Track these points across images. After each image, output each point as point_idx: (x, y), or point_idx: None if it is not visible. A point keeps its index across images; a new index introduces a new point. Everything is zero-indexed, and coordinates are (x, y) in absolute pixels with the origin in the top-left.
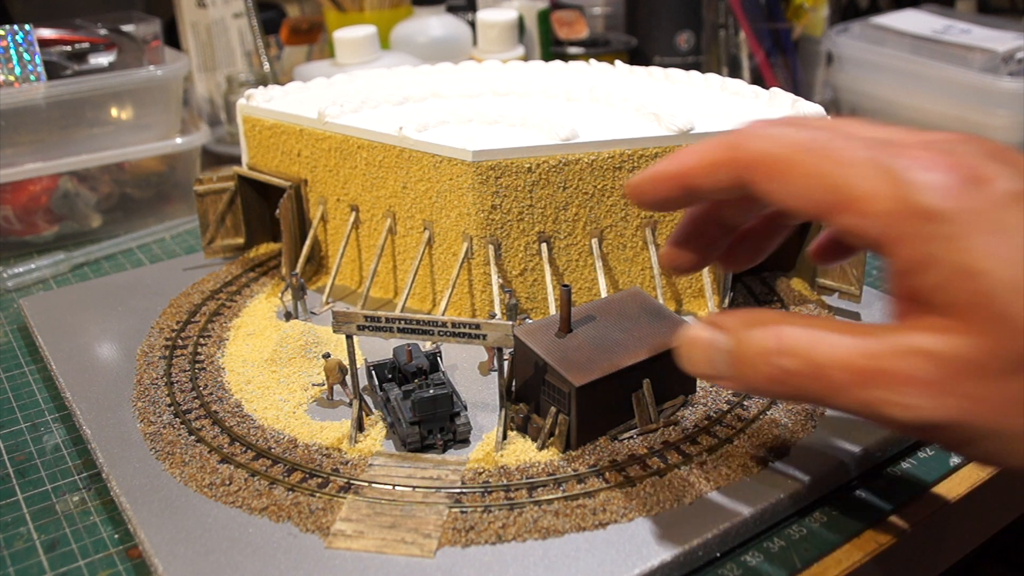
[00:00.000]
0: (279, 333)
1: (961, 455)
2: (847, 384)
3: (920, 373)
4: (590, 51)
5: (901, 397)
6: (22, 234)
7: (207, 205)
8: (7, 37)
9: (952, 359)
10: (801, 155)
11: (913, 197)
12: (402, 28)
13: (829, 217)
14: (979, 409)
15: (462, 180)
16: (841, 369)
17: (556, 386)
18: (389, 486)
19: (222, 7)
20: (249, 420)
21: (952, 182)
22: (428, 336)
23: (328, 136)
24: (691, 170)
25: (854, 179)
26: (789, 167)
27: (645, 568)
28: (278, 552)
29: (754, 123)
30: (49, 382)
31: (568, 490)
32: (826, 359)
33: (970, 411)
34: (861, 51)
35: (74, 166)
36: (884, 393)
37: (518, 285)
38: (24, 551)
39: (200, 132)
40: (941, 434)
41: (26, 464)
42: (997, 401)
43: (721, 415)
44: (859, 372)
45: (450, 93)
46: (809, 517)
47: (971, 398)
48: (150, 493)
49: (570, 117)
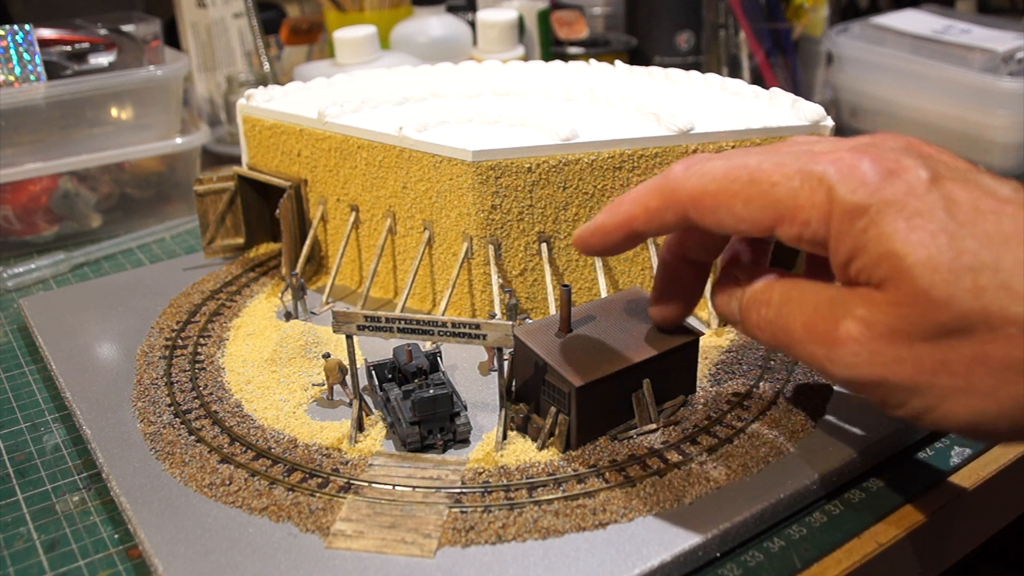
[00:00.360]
0: (279, 333)
1: (897, 415)
2: (802, 339)
3: (855, 336)
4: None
5: (839, 355)
6: (22, 234)
7: (207, 205)
8: (7, 37)
9: (879, 326)
10: (734, 184)
11: (840, 198)
12: (402, 28)
13: (772, 231)
14: (903, 370)
15: (462, 180)
16: (800, 324)
17: (556, 386)
18: (389, 486)
19: (222, 7)
20: (249, 420)
21: (872, 178)
22: (428, 336)
23: (328, 136)
24: (634, 219)
25: (787, 193)
26: (727, 197)
27: (645, 568)
28: (278, 552)
29: (683, 162)
30: (49, 382)
31: (568, 490)
32: (790, 314)
33: (895, 371)
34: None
35: (74, 166)
36: (826, 350)
37: (518, 285)
38: (24, 551)
39: (200, 132)
40: (873, 391)
41: (26, 464)
42: (917, 363)
43: (721, 415)
44: (811, 329)
45: (450, 93)
46: (809, 517)
47: (896, 360)
48: (150, 493)
49: (570, 117)
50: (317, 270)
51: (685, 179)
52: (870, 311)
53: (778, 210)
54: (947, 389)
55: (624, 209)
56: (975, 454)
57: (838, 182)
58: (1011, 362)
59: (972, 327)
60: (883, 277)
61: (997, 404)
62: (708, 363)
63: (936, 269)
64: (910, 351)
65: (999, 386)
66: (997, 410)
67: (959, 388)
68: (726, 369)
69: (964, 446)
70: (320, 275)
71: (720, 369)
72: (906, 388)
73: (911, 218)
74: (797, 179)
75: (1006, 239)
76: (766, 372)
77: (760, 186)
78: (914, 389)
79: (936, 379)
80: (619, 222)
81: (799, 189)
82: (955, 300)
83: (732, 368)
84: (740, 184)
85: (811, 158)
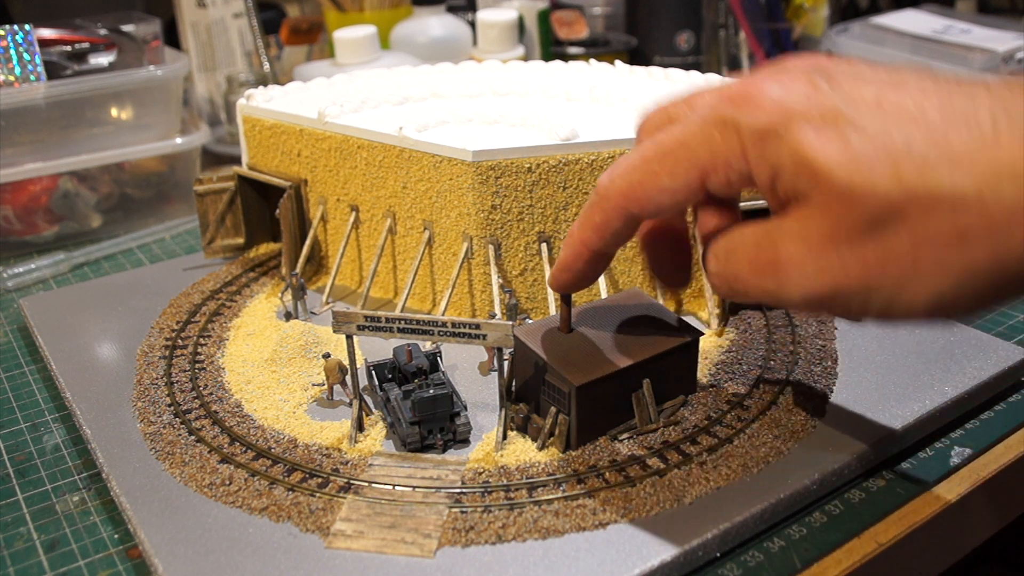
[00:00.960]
0: (279, 333)
1: (865, 320)
2: (752, 279)
3: (796, 255)
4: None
5: (788, 279)
6: (22, 234)
7: (207, 205)
8: (7, 37)
9: (815, 236)
10: (652, 164)
11: (747, 127)
12: (402, 28)
13: (706, 188)
14: (851, 273)
15: (462, 180)
16: (745, 266)
17: (556, 386)
18: (389, 486)
19: (222, 7)
20: (249, 420)
21: (770, 99)
22: (428, 336)
23: (328, 136)
24: (587, 241)
25: (700, 147)
26: (653, 179)
27: (645, 568)
28: (278, 552)
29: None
30: (49, 382)
31: (568, 490)
32: (736, 260)
33: (844, 277)
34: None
35: (74, 166)
36: (775, 280)
37: (518, 285)
38: (24, 551)
39: (200, 132)
40: (831, 304)
41: (26, 464)
42: (863, 262)
43: (721, 415)
44: (756, 265)
45: (450, 93)
46: (809, 517)
47: (841, 265)
48: (150, 493)
49: (570, 117)
50: (317, 270)
51: (611, 183)
52: (803, 225)
53: (699, 166)
54: (899, 279)
55: (575, 237)
56: (975, 454)
57: (740, 115)
58: (949, 236)
59: (903, 211)
60: (805, 188)
61: (950, 280)
62: (708, 363)
63: (852, 164)
64: (852, 252)
65: (946, 262)
66: (953, 286)
67: (910, 275)
68: (726, 369)
69: (964, 446)
70: (320, 275)
71: (720, 369)
72: (860, 291)
73: (817, 124)
74: (703, 131)
75: (913, 119)
76: (766, 372)
77: (674, 154)
78: (868, 289)
79: (886, 272)
80: (576, 251)
81: (709, 138)
82: (878, 188)
83: (732, 368)
84: (657, 162)
85: (711, 107)
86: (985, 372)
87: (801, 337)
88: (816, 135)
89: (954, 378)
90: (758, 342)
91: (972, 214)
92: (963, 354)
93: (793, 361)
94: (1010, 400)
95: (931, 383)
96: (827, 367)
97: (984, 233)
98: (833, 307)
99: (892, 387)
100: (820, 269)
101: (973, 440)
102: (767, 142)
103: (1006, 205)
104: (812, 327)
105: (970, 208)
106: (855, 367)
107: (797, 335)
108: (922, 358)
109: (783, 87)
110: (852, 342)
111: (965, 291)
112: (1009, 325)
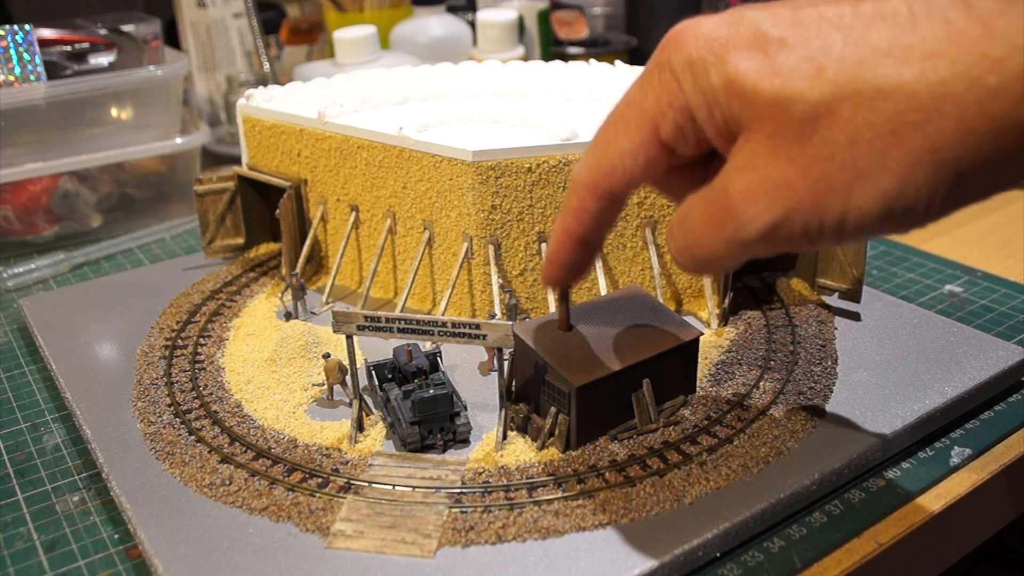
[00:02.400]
0: (279, 333)
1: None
2: (710, 236)
3: (743, 186)
4: (590, 51)
5: (742, 216)
6: (22, 234)
7: (207, 205)
8: (7, 37)
9: (757, 159)
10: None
11: (678, 66)
12: (402, 28)
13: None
14: (799, 189)
15: (462, 180)
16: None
17: (556, 386)
18: (389, 486)
19: (222, 7)
20: (249, 420)
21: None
22: (428, 336)
23: (328, 136)
24: (569, 228)
25: (644, 99)
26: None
27: (645, 568)
28: (278, 552)
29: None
30: (49, 382)
31: (568, 490)
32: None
33: (793, 196)
34: None
35: (74, 166)
36: (731, 223)
37: (518, 285)
38: (24, 551)
39: (200, 132)
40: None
41: (26, 464)
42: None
43: (721, 415)
44: (711, 219)
45: (450, 93)
46: (809, 517)
47: (788, 184)
48: (150, 493)
49: (570, 117)
50: (317, 270)
51: (581, 165)
52: (746, 155)
53: (648, 117)
54: (844, 185)
55: (557, 227)
56: (975, 454)
57: (671, 54)
58: (882, 129)
59: (833, 110)
60: (739, 112)
61: (893, 175)
62: (708, 363)
63: (777, 76)
64: (794, 167)
65: (884, 156)
66: (898, 182)
67: (853, 178)
68: (726, 369)
69: (964, 446)
70: (320, 275)
71: (720, 369)
72: (811, 206)
73: (741, 48)
74: (644, 82)
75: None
76: (766, 372)
77: (624, 114)
78: (817, 203)
79: (831, 181)
80: (559, 240)
81: (650, 86)
82: (804, 91)
83: (732, 368)
84: (612, 127)
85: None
86: (985, 372)
87: (801, 337)
88: (739, 58)
89: (954, 378)
90: (758, 342)
91: (901, 103)
92: (963, 354)
93: (793, 361)
94: (1010, 400)
95: (931, 383)
96: (827, 367)
97: (915, 121)
98: (792, 235)
99: (892, 387)
100: (769, 195)
101: (973, 440)
102: (696, 72)
103: (933, 90)
104: (812, 327)
105: (897, 97)
106: (855, 367)
107: (797, 335)
108: (922, 358)
109: (709, 22)
110: (852, 342)
111: (911, 187)
112: (1009, 325)
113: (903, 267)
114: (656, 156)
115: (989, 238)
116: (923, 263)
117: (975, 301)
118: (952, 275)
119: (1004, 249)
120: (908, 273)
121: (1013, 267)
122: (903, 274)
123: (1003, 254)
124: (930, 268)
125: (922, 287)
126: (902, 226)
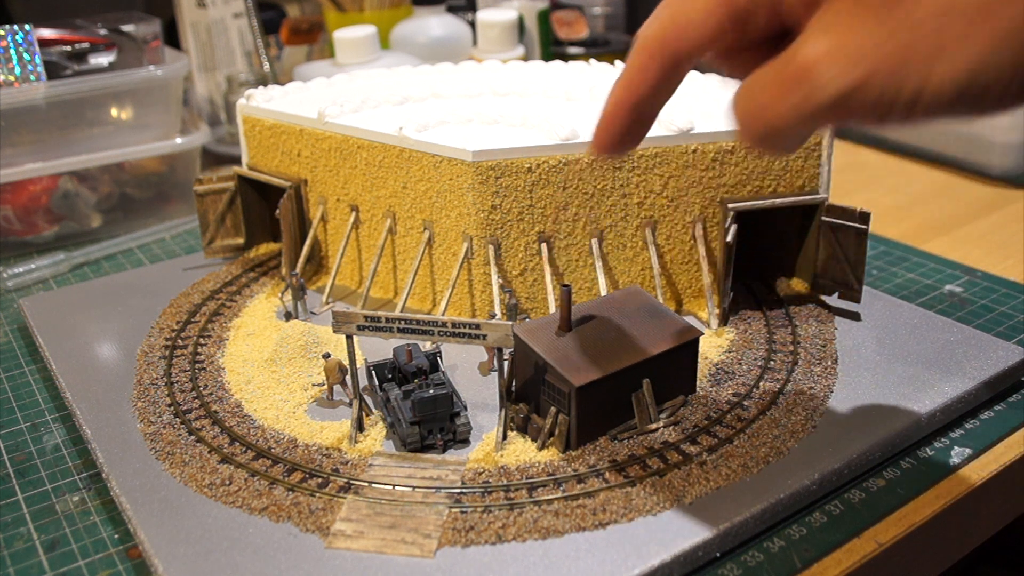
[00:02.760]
0: (279, 333)
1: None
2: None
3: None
4: (590, 51)
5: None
6: (22, 234)
7: (207, 205)
8: (7, 37)
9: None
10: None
11: None
12: (402, 28)
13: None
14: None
15: (462, 180)
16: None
17: (556, 386)
18: (389, 486)
19: (222, 7)
20: (249, 420)
21: None
22: (428, 336)
23: (328, 136)
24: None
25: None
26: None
27: (645, 568)
28: (278, 552)
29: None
30: (49, 382)
31: (568, 490)
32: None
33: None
34: None
35: (74, 166)
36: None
37: (518, 285)
38: (24, 551)
39: (200, 132)
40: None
41: (26, 464)
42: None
43: (721, 415)
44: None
45: (450, 93)
46: (809, 517)
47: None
48: (150, 493)
49: (570, 117)
50: (317, 270)
51: (644, 29)
52: (828, 16)
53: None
54: (928, 56)
55: (616, 88)
56: (975, 454)
57: None
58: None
59: None
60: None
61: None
62: (708, 363)
63: None
64: (881, 31)
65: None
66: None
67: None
68: (726, 369)
69: (964, 446)
70: (320, 275)
71: (720, 369)
72: (892, 75)
73: None
74: None
75: None
76: (766, 372)
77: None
78: (899, 72)
79: (916, 49)
80: (617, 100)
81: None
82: None
83: (732, 368)
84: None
85: None
86: (985, 372)
87: (801, 337)
88: None
89: (954, 378)
90: (758, 342)
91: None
92: (963, 354)
93: (793, 361)
94: (1010, 400)
95: (931, 383)
96: (827, 367)
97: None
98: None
99: (892, 387)
100: (850, 57)
101: (973, 440)
102: None
103: None
104: (812, 327)
105: None
106: (855, 367)
107: (797, 335)
108: (922, 358)
109: None
110: (852, 342)
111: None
112: (1009, 325)
113: (903, 267)
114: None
115: (989, 238)
116: (923, 263)
117: (975, 301)
118: (952, 275)
119: (1004, 249)
120: (908, 273)
121: (1013, 267)
122: (903, 274)
123: (1003, 254)
124: (930, 268)
125: (922, 287)
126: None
